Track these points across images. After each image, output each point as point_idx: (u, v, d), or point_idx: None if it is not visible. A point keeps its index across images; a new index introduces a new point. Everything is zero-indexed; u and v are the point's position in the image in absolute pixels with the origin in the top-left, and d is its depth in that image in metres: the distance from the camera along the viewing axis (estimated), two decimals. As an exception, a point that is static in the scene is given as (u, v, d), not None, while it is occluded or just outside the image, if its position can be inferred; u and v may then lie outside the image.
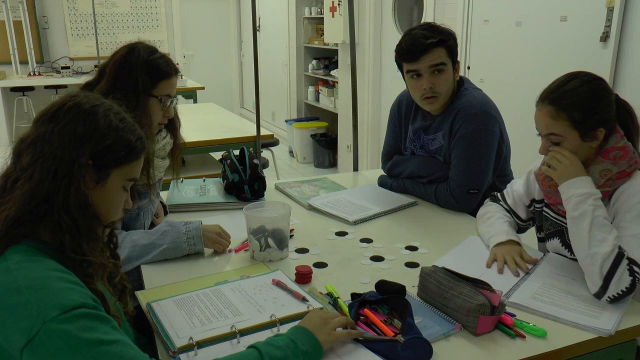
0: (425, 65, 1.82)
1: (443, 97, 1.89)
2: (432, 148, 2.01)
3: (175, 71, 1.64)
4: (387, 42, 4.58)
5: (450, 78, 1.87)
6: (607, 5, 2.61)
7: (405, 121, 2.10)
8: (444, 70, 1.84)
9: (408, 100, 2.07)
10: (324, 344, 1.07)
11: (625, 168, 1.38)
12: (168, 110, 1.64)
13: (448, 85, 1.87)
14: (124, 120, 1.03)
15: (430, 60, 1.81)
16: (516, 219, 1.67)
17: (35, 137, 0.97)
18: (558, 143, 1.41)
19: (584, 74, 1.41)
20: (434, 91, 1.85)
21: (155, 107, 1.60)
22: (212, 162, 3.73)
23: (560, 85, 1.40)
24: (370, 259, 1.56)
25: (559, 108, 1.37)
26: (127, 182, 1.05)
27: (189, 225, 1.57)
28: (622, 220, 1.35)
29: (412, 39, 1.82)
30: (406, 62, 1.86)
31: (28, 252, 0.92)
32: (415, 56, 1.82)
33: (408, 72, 1.87)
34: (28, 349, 0.82)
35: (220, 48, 8.53)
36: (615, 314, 1.25)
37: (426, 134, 2.01)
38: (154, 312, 1.24)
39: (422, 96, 1.88)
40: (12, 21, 6.54)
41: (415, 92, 1.90)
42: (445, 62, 1.83)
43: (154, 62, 1.58)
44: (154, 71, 1.58)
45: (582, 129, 1.37)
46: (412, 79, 1.88)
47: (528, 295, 1.34)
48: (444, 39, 1.82)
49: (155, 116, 1.61)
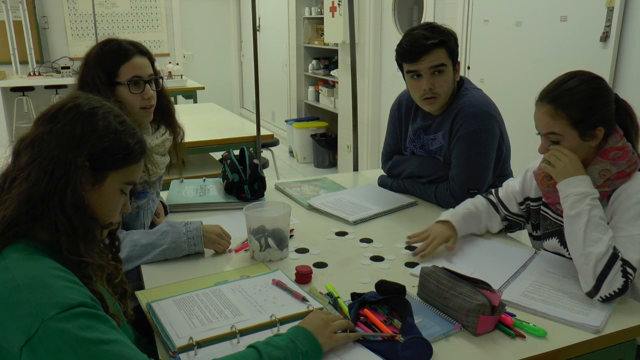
0: (426, 66, 1.82)
1: (443, 98, 1.89)
2: (432, 148, 2.01)
3: (137, 51, 1.58)
4: (387, 42, 4.58)
5: (450, 79, 1.87)
6: (607, 5, 2.61)
7: (405, 121, 2.10)
8: (444, 71, 1.84)
9: (408, 100, 2.07)
10: (324, 346, 1.07)
11: (624, 168, 1.38)
12: (146, 92, 1.59)
13: (448, 85, 1.87)
14: (123, 124, 1.02)
15: (430, 61, 1.81)
16: (504, 210, 1.67)
17: (34, 137, 0.97)
18: (557, 142, 1.41)
19: (583, 73, 1.41)
20: (434, 92, 1.85)
21: (126, 94, 1.56)
22: (212, 162, 3.73)
23: (560, 84, 1.40)
24: (370, 259, 1.56)
25: (558, 107, 1.37)
26: (124, 186, 1.04)
27: (189, 225, 1.57)
28: (619, 221, 1.35)
29: (413, 39, 1.82)
30: (406, 62, 1.86)
31: (26, 250, 0.92)
32: (415, 57, 1.81)
33: (408, 72, 1.87)
34: (27, 348, 0.82)
35: (220, 48, 8.53)
36: (604, 312, 1.26)
37: (426, 134, 2.01)
38: (154, 312, 1.24)
39: (421, 97, 1.88)
40: (12, 21, 6.54)
41: (415, 92, 1.90)
42: (446, 63, 1.83)
43: (107, 50, 1.55)
44: (108, 59, 1.54)
45: (581, 128, 1.37)
46: (412, 79, 1.88)
47: (519, 292, 1.35)
48: (445, 39, 1.81)
49: (131, 102, 1.56)
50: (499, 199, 1.69)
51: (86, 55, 1.58)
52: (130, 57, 1.56)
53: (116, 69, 1.55)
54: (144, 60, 1.60)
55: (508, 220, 1.68)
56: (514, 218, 1.67)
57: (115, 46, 1.56)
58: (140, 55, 1.59)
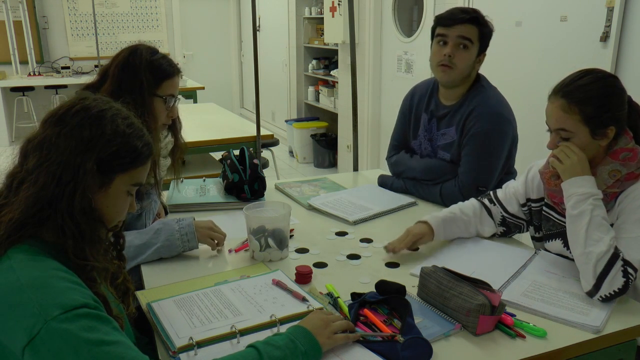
0: (454, 34, 1.90)
1: (458, 73, 1.93)
2: (439, 143, 2.03)
3: (177, 71, 1.66)
4: (387, 42, 4.58)
5: (471, 58, 1.93)
6: (607, 5, 2.61)
7: (417, 109, 2.13)
8: (468, 48, 1.91)
9: (422, 90, 2.13)
10: (324, 346, 1.07)
11: (633, 170, 1.37)
12: (172, 111, 1.66)
13: (466, 63, 1.92)
14: (131, 126, 1.02)
15: (459, 31, 1.90)
16: (502, 211, 1.66)
17: (41, 140, 0.97)
18: (567, 139, 1.40)
19: (599, 70, 1.41)
20: (452, 61, 1.91)
21: (160, 107, 1.62)
22: (212, 162, 3.73)
23: (575, 80, 1.40)
24: (370, 259, 1.56)
25: (572, 102, 1.36)
26: (131, 187, 1.04)
27: (181, 222, 1.57)
28: (624, 222, 1.35)
29: (453, 10, 1.95)
30: (440, 25, 1.95)
31: (31, 251, 0.92)
32: (449, 22, 1.92)
33: (437, 36, 1.95)
34: (29, 348, 0.82)
35: (220, 48, 8.53)
36: (604, 311, 1.26)
37: (438, 129, 2.04)
38: (154, 312, 1.24)
39: (439, 62, 1.94)
40: (12, 21, 6.54)
41: (435, 57, 1.96)
42: (473, 40, 1.91)
43: (157, 62, 1.60)
44: (157, 71, 1.59)
45: (593, 126, 1.36)
46: (437, 45, 1.95)
47: (519, 292, 1.35)
48: (480, 21, 1.92)
49: (159, 116, 1.63)
50: (498, 200, 1.67)
51: (127, 59, 1.58)
52: (174, 75, 1.64)
53: (161, 81, 1.61)
54: (178, 80, 1.68)
55: (506, 222, 1.67)
56: (513, 220, 1.66)
57: (165, 61, 1.63)
58: (178, 76, 1.67)
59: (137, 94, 1.54)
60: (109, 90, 1.52)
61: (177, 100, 1.67)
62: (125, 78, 1.55)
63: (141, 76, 1.55)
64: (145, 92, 1.56)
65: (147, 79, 1.56)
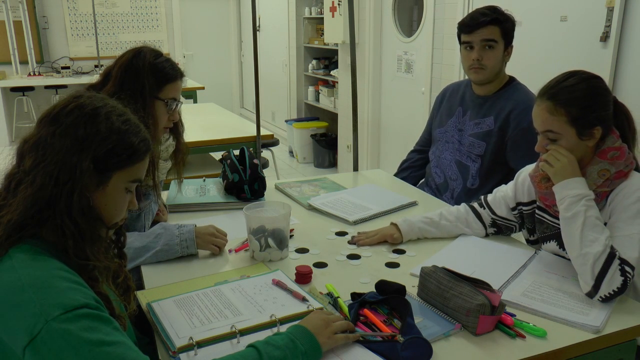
0: (478, 39, 2.00)
1: (489, 71, 2.04)
2: (471, 132, 2.11)
3: (180, 75, 1.66)
4: (387, 42, 4.58)
5: (499, 56, 2.03)
6: (607, 5, 2.61)
7: (450, 102, 2.24)
8: (494, 47, 2.01)
9: (455, 87, 2.28)
10: (324, 346, 1.07)
11: (622, 168, 1.39)
12: (174, 114, 1.66)
13: (495, 61, 2.02)
14: (127, 122, 1.01)
15: (482, 35, 1.99)
16: (491, 214, 1.68)
17: (37, 140, 0.96)
18: (555, 140, 1.41)
19: (582, 72, 1.43)
20: (481, 64, 2.02)
21: (161, 110, 1.61)
22: (212, 162, 3.72)
23: (560, 82, 1.42)
24: (369, 259, 1.56)
25: (558, 104, 1.38)
26: (129, 184, 1.03)
27: (182, 228, 1.57)
28: (617, 220, 1.36)
29: (473, 14, 2.04)
30: (463, 33, 2.05)
31: (32, 251, 0.92)
32: (470, 29, 2.02)
33: (463, 42, 2.06)
34: (30, 348, 0.82)
35: (220, 48, 8.53)
36: (604, 311, 1.26)
37: (475, 118, 2.12)
38: (154, 312, 1.24)
39: (470, 66, 2.05)
40: (12, 21, 6.53)
41: (465, 62, 2.08)
42: (497, 40, 2.00)
43: (160, 65, 1.59)
44: (160, 74, 1.59)
45: (579, 126, 1.38)
46: (465, 50, 2.06)
47: (519, 292, 1.35)
48: (501, 19, 2.00)
49: (161, 119, 1.62)
50: (487, 204, 1.69)
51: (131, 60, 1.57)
52: (177, 78, 1.64)
53: (163, 84, 1.60)
54: (181, 84, 1.67)
55: (497, 224, 1.68)
56: (504, 222, 1.67)
57: (168, 64, 1.62)
58: (181, 80, 1.67)
59: (139, 96, 1.53)
60: (110, 92, 1.52)
61: (179, 103, 1.67)
62: (127, 80, 1.55)
63: (143, 79, 1.55)
64: (147, 94, 1.55)
65: (149, 81, 1.56)
